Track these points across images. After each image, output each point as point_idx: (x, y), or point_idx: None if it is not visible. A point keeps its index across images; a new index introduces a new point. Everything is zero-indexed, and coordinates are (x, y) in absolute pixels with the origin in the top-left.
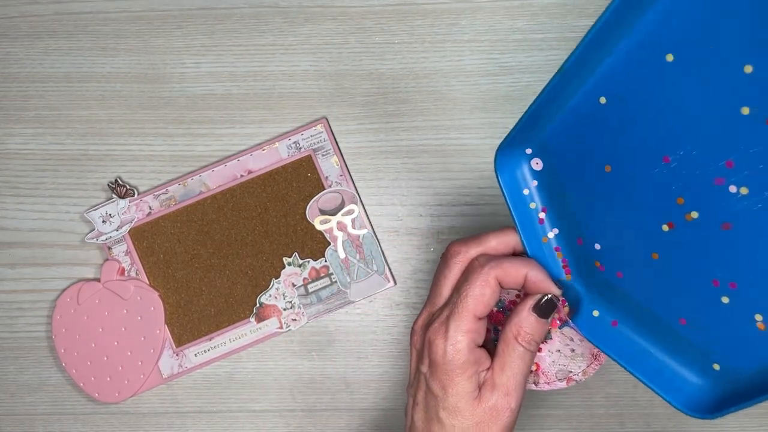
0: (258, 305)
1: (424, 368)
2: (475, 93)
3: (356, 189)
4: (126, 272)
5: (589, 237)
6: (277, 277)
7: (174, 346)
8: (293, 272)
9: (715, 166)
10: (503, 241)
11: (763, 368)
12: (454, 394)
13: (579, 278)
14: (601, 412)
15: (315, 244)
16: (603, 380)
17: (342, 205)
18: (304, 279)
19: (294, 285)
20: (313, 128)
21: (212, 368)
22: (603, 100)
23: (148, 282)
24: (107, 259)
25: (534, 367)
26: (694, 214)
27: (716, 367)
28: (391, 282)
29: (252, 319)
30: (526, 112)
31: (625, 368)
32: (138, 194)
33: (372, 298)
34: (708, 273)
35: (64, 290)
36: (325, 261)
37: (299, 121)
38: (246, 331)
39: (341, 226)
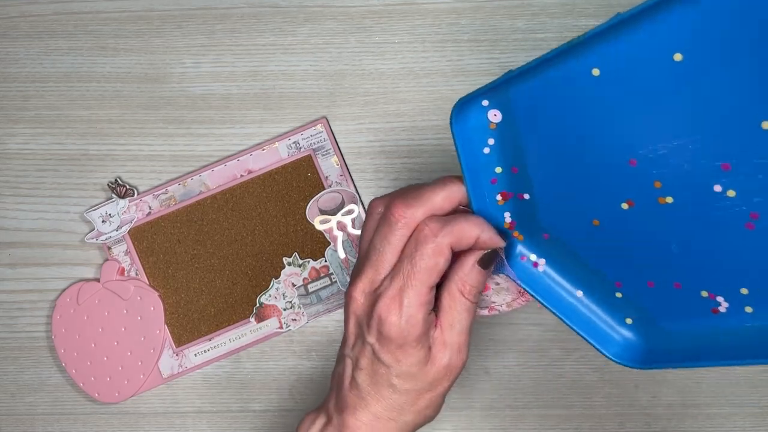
0: (258, 305)
1: (371, 339)
2: None
3: (356, 189)
4: (126, 272)
5: (538, 194)
6: (277, 277)
7: (174, 346)
8: (293, 272)
9: (709, 164)
10: (448, 198)
11: (696, 331)
12: (407, 364)
13: (520, 229)
14: (601, 412)
15: (315, 244)
16: (603, 380)
17: (342, 205)
18: (304, 279)
19: (294, 285)
20: (313, 128)
21: (212, 368)
22: (596, 72)
23: (148, 282)
24: (107, 259)
25: None
26: (669, 199)
27: (629, 322)
28: None
29: (252, 319)
30: (504, 74)
31: (554, 314)
32: (138, 194)
33: None
34: (660, 251)
35: (64, 290)
36: (325, 261)
37: (299, 121)
38: (246, 331)
39: (341, 226)
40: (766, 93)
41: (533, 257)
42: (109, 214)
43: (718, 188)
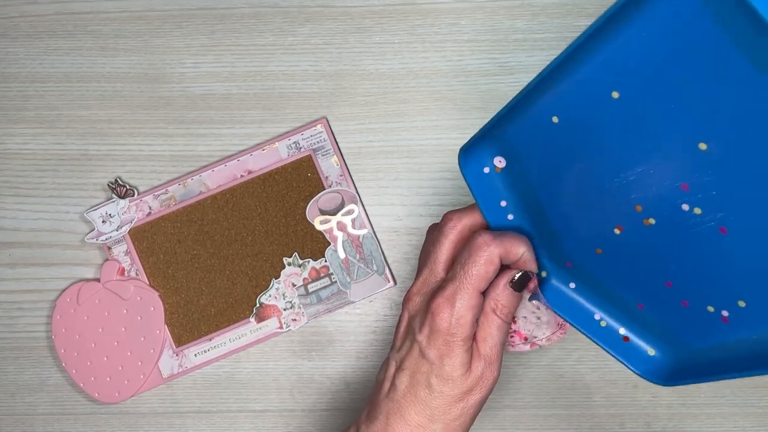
0: (258, 305)
1: (421, 337)
2: (475, 93)
3: (356, 189)
4: (126, 272)
5: (555, 225)
6: (277, 277)
7: (174, 346)
8: (293, 272)
9: (671, 186)
10: None
11: (712, 347)
12: (450, 364)
13: (547, 256)
14: (601, 412)
15: (315, 244)
16: (603, 380)
17: (342, 205)
18: (304, 279)
19: (294, 285)
20: (313, 128)
21: (212, 368)
22: (555, 119)
23: (148, 282)
24: (107, 259)
25: None
26: (652, 221)
27: (653, 347)
28: (391, 282)
29: (252, 319)
30: (494, 116)
31: (588, 336)
32: (138, 194)
33: (372, 298)
34: (662, 271)
35: (64, 290)
36: (325, 261)
37: (299, 121)
38: (246, 331)
39: (341, 226)
40: (695, 118)
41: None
42: (110, 214)
43: (685, 207)
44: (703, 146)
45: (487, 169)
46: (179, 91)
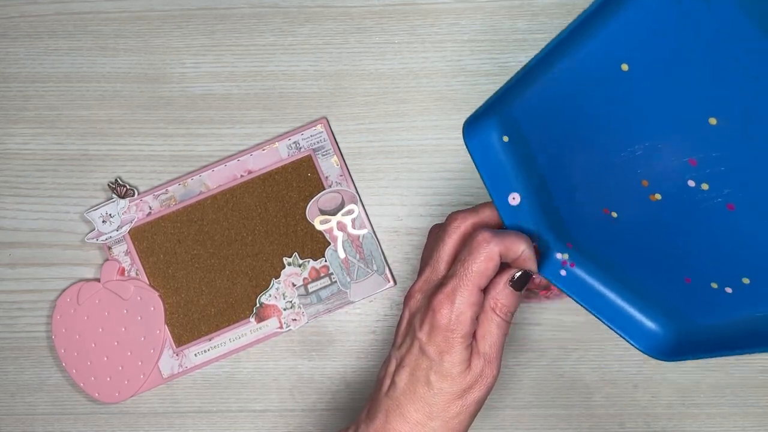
0: (258, 305)
1: (422, 334)
2: (474, 93)
3: (356, 189)
4: (126, 272)
5: (558, 202)
6: (277, 277)
7: (174, 346)
8: (293, 272)
9: (679, 161)
10: (496, 214)
11: (716, 324)
12: (449, 360)
13: (551, 233)
14: (600, 411)
15: (315, 244)
16: (603, 380)
17: (342, 205)
18: (304, 279)
19: (294, 285)
20: (313, 128)
21: (212, 368)
22: (562, 92)
23: (148, 282)
24: (107, 259)
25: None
26: (658, 196)
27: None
28: (391, 282)
29: (252, 319)
30: (499, 89)
31: (588, 310)
32: (138, 194)
33: (372, 298)
34: (666, 248)
35: (64, 290)
36: (325, 261)
37: (299, 121)
38: (246, 331)
39: (341, 226)
40: (705, 92)
41: (563, 256)
42: (110, 214)
43: (691, 183)
44: (713, 121)
45: (492, 143)
46: (179, 91)
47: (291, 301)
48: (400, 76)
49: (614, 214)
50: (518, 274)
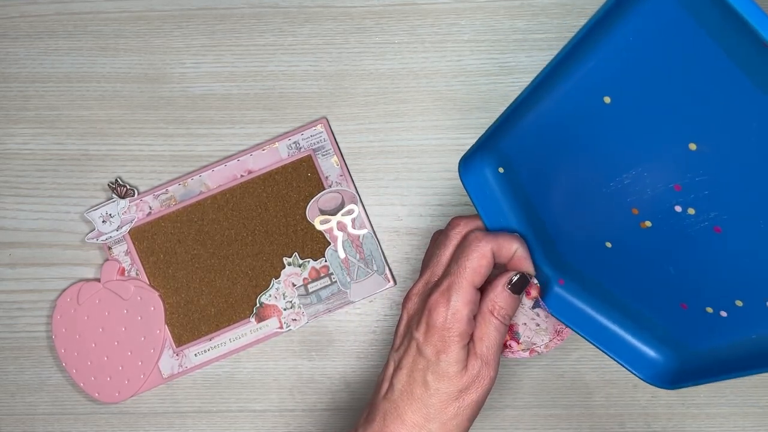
0: (258, 305)
1: (419, 334)
2: (475, 93)
3: (356, 189)
4: (126, 272)
5: (552, 233)
6: (277, 277)
7: (174, 346)
8: (293, 272)
9: (664, 187)
10: None
11: (713, 348)
12: (446, 360)
13: (547, 263)
14: (601, 412)
15: (315, 244)
16: (603, 380)
17: (342, 205)
18: (304, 279)
19: (294, 285)
20: (313, 128)
21: (212, 368)
22: (548, 128)
23: (148, 282)
24: (107, 259)
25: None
26: (648, 223)
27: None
28: (391, 282)
29: (252, 319)
30: (489, 127)
31: (591, 342)
32: (138, 194)
33: (372, 298)
34: (660, 274)
35: (64, 290)
36: (325, 261)
37: (299, 121)
38: (246, 331)
39: (341, 226)
40: (683, 118)
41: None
42: (110, 214)
43: (678, 208)
44: (693, 146)
45: (486, 179)
46: (179, 91)
47: (291, 301)
48: (400, 76)
49: (608, 244)
50: (516, 278)
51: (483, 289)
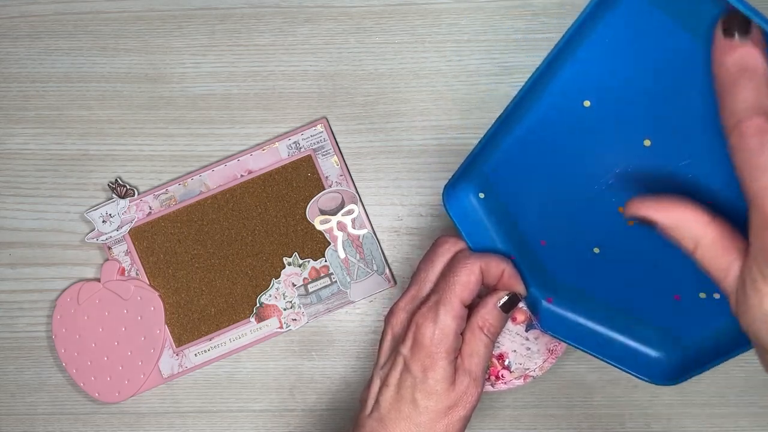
0: (258, 305)
1: (405, 350)
2: (475, 93)
3: (356, 189)
4: (126, 272)
5: (536, 248)
6: (277, 277)
7: (174, 346)
8: (293, 272)
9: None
10: None
11: (711, 333)
12: (433, 377)
13: (534, 284)
14: (601, 411)
15: (315, 244)
16: (603, 380)
17: (342, 205)
18: (304, 279)
19: (294, 285)
20: (313, 128)
21: (212, 368)
22: (530, 143)
23: (148, 282)
24: (107, 259)
25: (489, 371)
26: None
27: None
28: (391, 282)
29: (252, 319)
30: (470, 153)
31: (590, 354)
32: (138, 194)
33: (372, 298)
34: (651, 270)
35: (64, 290)
36: (325, 261)
37: (299, 121)
38: (246, 331)
39: (341, 226)
40: (661, 111)
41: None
42: (110, 214)
43: None
44: (648, 142)
45: (470, 205)
46: (179, 91)
47: (291, 301)
48: (400, 76)
49: (596, 250)
50: (507, 297)
51: (471, 308)
